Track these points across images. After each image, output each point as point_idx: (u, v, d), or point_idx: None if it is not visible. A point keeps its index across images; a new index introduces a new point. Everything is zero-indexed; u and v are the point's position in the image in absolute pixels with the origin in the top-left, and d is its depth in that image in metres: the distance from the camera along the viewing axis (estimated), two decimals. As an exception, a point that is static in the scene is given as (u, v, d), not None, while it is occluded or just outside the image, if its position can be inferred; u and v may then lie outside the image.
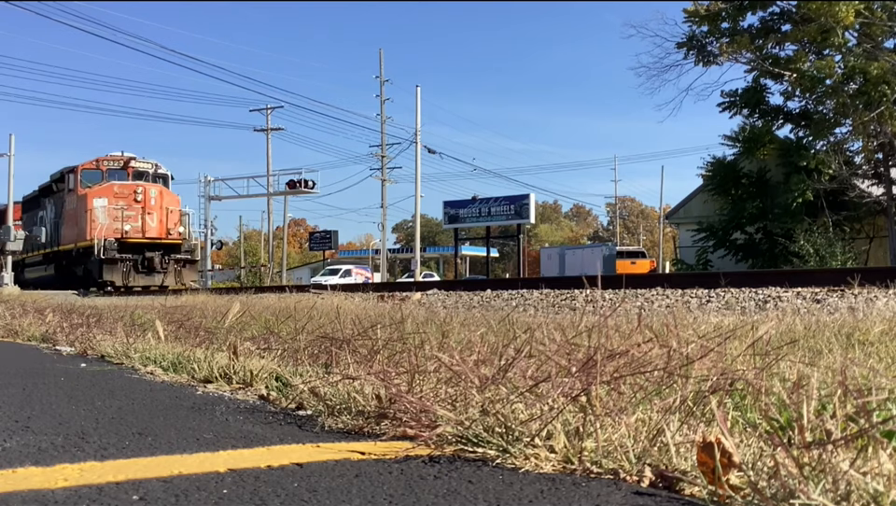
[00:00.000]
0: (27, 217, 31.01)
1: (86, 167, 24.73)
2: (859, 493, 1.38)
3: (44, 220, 28.34)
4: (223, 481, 1.76)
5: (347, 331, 3.81)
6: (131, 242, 23.43)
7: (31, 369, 4.20)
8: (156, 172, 25.63)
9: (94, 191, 24.09)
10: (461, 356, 2.48)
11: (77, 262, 24.72)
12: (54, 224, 26.96)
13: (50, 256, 27.09)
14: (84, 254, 23.99)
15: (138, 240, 23.71)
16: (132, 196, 24.24)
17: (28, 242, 28.90)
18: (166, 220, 24.58)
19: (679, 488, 1.62)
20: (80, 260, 24.36)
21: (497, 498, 1.61)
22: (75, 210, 24.65)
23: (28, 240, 28.90)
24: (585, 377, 2.01)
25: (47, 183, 28.15)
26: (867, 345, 3.30)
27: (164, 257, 23.86)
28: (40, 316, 8.11)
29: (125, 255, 23.07)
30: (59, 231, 26.18)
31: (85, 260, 23.94)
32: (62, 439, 2.25)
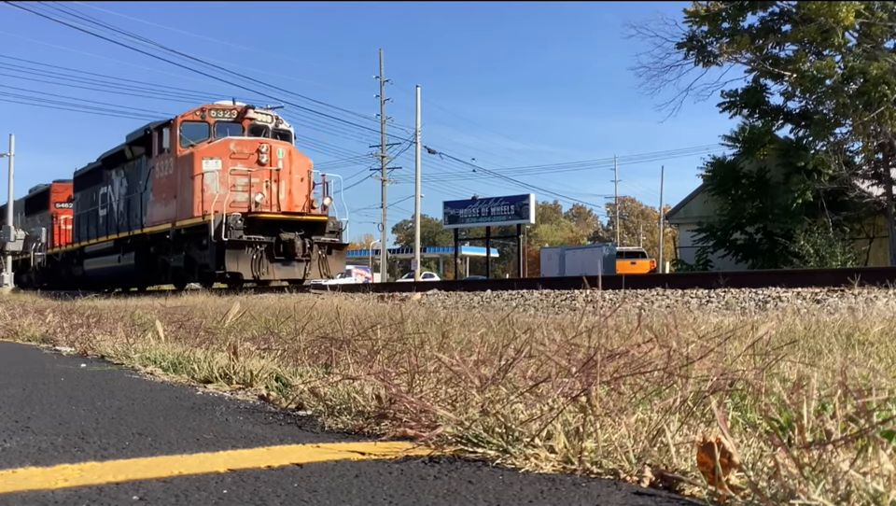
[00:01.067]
0: (81, 196, 24.50)
1: (187, 118, 18.03)
2: (859, 493, 1.38)
3: (108, 198, 22.17)
4: (223, 481, 1.76)
5: (347, 332, 3.81)
6: (263, 218, 16.48)
7: (31, 369, 4.20)
8: (276, 127, 18.73)
9: (203, 150, 17.29)
10: (461, 356, 2.48)
11: (173, 248, 18.15)
12: (126, 201, 20.72)
13: (127, 242, 20.29)
14: (188, 237, 17.37)
15: (272, 216, 16.69)
16: (254, 156, 17.24)
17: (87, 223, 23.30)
18: (300, 190, 17.73)
19: (679, 488, 1.62)
20: (181, 246, 17.82)
21: (497, 498, 1.61)
22: (170, 178, 18.13)
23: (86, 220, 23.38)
24: (585, 377, 2.01)
25: (115, 150, 21.76)
26: (867, 346, 3.30)
27: (307, 239, 16.88)
28: (40, 316, 8.10)
29: (255, 236, 16.18)
30: (141, 208, 19.57)
31: (190, 244, 17.44)
32: (62, 439, 2.25)
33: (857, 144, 27.49)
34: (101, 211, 22.56)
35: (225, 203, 16.13)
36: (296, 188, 17.64)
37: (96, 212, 22.86)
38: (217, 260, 16.09)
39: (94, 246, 22.70)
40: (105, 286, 22.90)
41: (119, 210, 21.44)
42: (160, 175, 18.61)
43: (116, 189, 21.97)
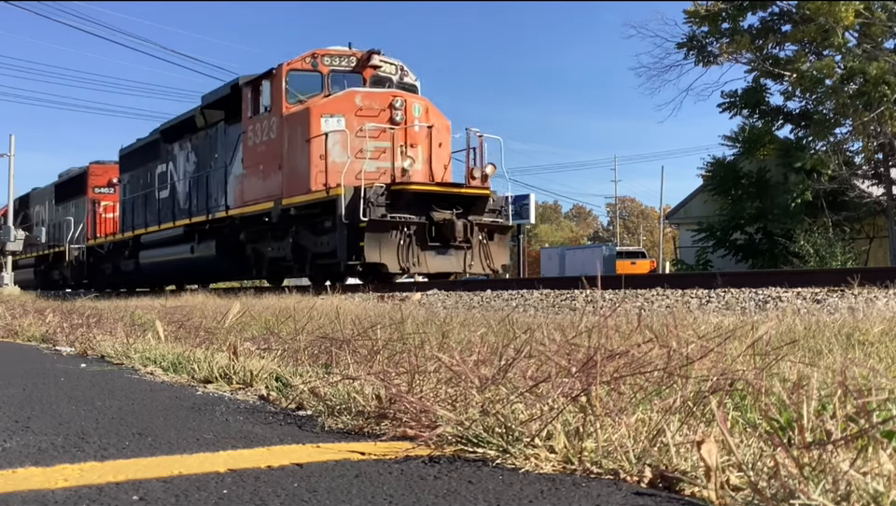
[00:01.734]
0: (131, 177, 20.66)
1: (295, 67, 13.66)
2: (859, 493, 1.38)
3: (169, 177, 18.19)
4: (223, 481, 1.76)
5: (347, 332, 3.81)
6: (413, 191, 12.17)
7: (31, 369, 4.20)
8: (401, 80, 14.28)
9: (321, 105, 13.01)
10: (461, 356, 2.48)
11: (273, 234, 14.14)
12: (195, 180, 16.77)
13: (205, 228, 16.06)
14: (300, 218, 13.17)
15: (425, 188, 12.38)
16: (385, 113, 12.78)
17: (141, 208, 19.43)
18: (439, 158, 13.33)
19: (679, 488, 1.62)
20: (285, 231, 13.67)
21: (497, 498, 1.61)
22: (271, 144, 13.78)
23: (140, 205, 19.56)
24: (585, 377, 2.01)
25: (178, 118, 17.91)
26: (867, 346, 3.30)
27: (467, 220, 12.44)
28: (40, 316, 8.11)
29: (403, 215, 11.91)
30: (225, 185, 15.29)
31: (300, 228, 13.30)
32: (62, 439, 2.25)
33: (857, 144, 27.51)
34: (159, 193, 18.57)
35: (352, 174, 11.95)
36: (435, 155, 13.22)
37: (153, 194, 18.85)
38: (350, 247, 11.82)
39: (154, 235, 18.35)
40: (169, 281, 19.87)
41: (184, 191, 17.45)
42: (254, 141, 14.29)
43: (180, 165, 17.83)
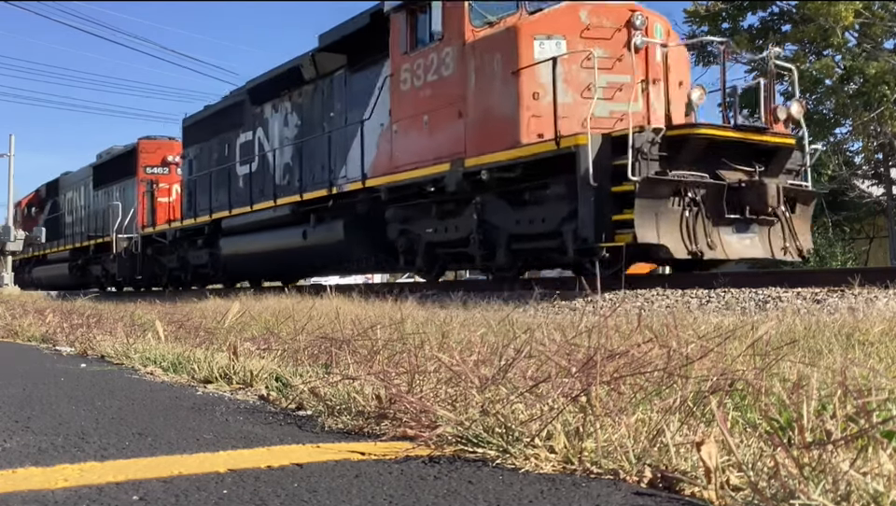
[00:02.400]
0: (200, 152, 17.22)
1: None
2: (859, 493, 1.38)
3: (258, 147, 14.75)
4: (223, 481, 1.76)
5: (347, 332, 3.81)
6: (701, 137, 8.70)
7: (31, 369, 4.20)
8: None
9: (530, 23, 9.48)
10: (461, 356, 2.48)
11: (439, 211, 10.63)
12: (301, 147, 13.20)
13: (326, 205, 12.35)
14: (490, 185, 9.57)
15: (717, 133, 8.87)
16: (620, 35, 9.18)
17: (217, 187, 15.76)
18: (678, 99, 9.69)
19: (679, 488, 1.62)
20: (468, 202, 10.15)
21: (497, 498, 1.61)
22: (441, 85, 10.14)
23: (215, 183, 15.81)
24: (585, 377, 2.01)
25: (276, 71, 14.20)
26: (867, 346, 3.30)
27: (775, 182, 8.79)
28: (40, 316, 8.11)
29: (687, 174, 8.48)
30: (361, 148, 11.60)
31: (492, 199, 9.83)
32: (62, 439, 2.25)
33: (857, 144, 27.50)
34: (241, 168, 15.16)
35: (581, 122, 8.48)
36: (676, 96, 9.55)
37: (232, 170, 15.39)
38: (597, 221, 8.26)
39: (242, 219, 14.56)
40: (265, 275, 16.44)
41: (283, 162, 13.86)
42: (412, 84, 10.53)
43: (274, 131, 14.22)
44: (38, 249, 29.62)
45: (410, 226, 11.23)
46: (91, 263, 23.80)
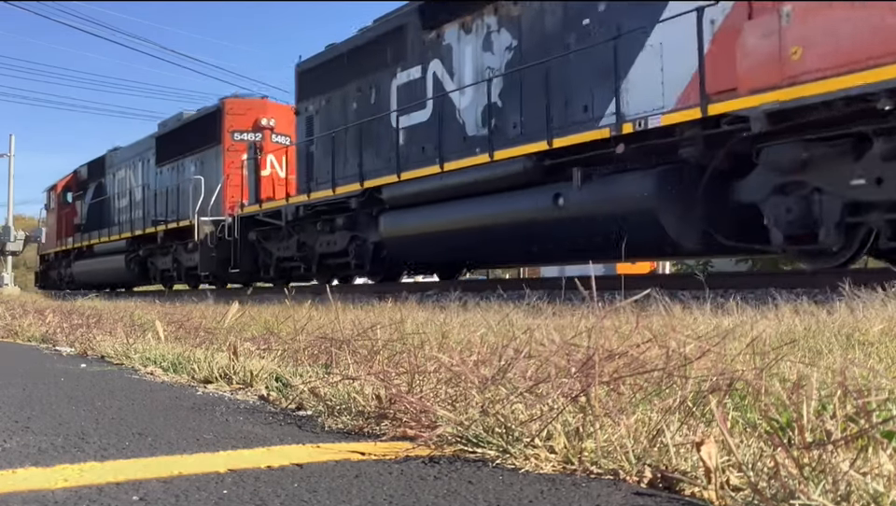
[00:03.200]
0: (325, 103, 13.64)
1: None
2: (859, 493, 1.38)
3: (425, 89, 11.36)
4: (223, 481, 1.76)
5: (347, 332, 3.81)
6: None
7: (31, 369, 4.20)
8: None
9: None
10: (461, 356, 2.48)
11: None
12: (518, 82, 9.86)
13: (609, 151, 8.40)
14: None
15: None
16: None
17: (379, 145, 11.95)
18: None
19: (679, 488, 1.62)
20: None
21: (497, 498, 1.61)
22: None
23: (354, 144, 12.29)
24: (585, 378, 2.01)
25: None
26: (867, 345, 3.29)
27: None
28: (40, 316, 8.11)
29: None
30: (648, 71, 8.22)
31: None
32: (62, 439, 2.25)
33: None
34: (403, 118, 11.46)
35: None
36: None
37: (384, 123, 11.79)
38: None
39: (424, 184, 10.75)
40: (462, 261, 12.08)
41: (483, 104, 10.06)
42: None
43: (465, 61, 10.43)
44: (78, 240, 25.08)
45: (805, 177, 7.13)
46: (157, 255, 19.75)
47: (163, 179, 19.94)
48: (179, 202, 18.38)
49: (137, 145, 22.09)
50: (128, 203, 21.86)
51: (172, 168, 19.71)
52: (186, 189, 18.11)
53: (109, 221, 23.04)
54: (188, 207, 17.62)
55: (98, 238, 23.01)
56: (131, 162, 22.34)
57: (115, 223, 22.57)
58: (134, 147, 22.28)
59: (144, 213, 20.41)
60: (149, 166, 20.96)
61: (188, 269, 18.34)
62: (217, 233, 16.45)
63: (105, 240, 22.40)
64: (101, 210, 23.95)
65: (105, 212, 23.72)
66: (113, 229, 22.37)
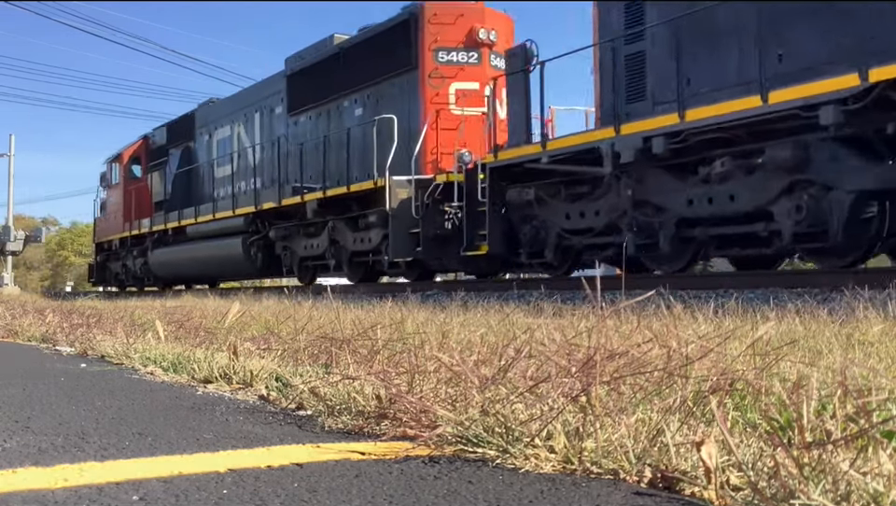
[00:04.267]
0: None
1: None
2: (859, 493, 1.38)
3: None
4: (223, 481, 1.76)
5: (347, 332, 3.81)
6: None
7: (31, 369, 4.20)
8: None
9: None
10: (461, 356, 2.48)
11: None
12: None
13: None
14: None
15: None
16: None
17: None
18: None
19: (679, 488, 1.62)
20: None
21: (497, 498, 1.61)
22: None
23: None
24: (585, 377, 2.01)
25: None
26: (867, 345, 3.30)
27: None
28: (40, 316, 8.11)
29: None
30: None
31: None
32: (62, 439, 2.25)
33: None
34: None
35: None
36: None
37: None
38: None
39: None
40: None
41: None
42: None
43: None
44: (159, 222, 19.38)
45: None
46: (298, 235, 14.79)
47: (302, 132, 14.88)
48: (338, 159, 13.45)
49: (250, 93, 17.11)
50: (239, 168, 16.68)
51: (318, 115, 14.54)
52: (358, 138, 12.95)
53: (205, 195, 17.82)
54: (355, 166, 12.92)
55: (194, 217, 17.43)
56: (240, 116, 17.05)
57: (215, 197, 17.36)
58: (244, 97, 17.30)
59: (272, 179, 15.38)
60: (275, 117, 15.80)
61: (354, 254, 13.51)
62: (424, 200, 11.54)
63: (207, 219, 16.91)
64: (192, 182, 18.83)
65: (198, 184, 18.54)
66: (220, 203, 16.98)
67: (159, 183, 20.59)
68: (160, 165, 20.75)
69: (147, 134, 21.97)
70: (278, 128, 15.77)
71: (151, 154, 21.49)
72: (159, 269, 19.83)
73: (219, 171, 17.73)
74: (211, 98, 19.09)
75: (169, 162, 20.15)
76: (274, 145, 15.49)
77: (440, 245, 11.78)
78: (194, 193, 18.61)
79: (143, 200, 21.07)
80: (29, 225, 53.95)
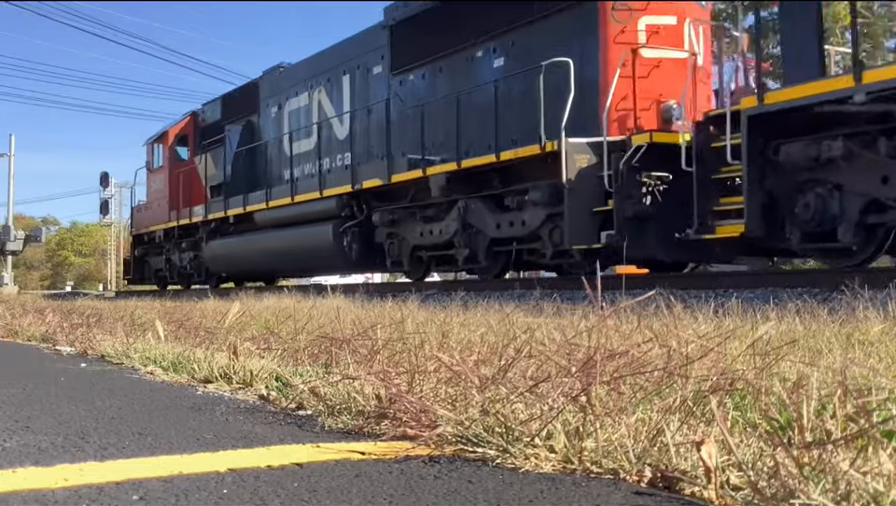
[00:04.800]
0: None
1: None
2: (859, 493, 1.38)
3: None
4: (223, 481, 1.76)
5: (347, 331, 3.81)
6: None
7: (31, 369, 4.20)
8: None
9: None
10: (461, 356, 2.48)
11: None
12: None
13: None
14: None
15: None
16: None
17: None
18: None
19: (679, 488, 1.62)
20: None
21: (497, 498, 1.61)
22: None
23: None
24: (585, 377, 2.01)
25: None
26: (867, 345, 3.29)
27: None
28: (40, 315, 8.11)
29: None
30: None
31: None
32: (62, 439, 2.25)
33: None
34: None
35: None
36: None
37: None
38: None
39: None
40: None
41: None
42: None
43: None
44: (217, 209, 16.57)
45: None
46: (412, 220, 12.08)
47: (412, 93, 12.15)
48: (480, 122, 10.66)
49: (334, 53, 14.20)
50: (323, 142, 13.85)
51: (436, 71, 11.74)
52: (506, 94, 10.29)
53: (275, 177, 15.18)
54: (504, 129, 10.21)
55: (264, 202, 14.65)
56: (321, 82, 14.27)
57: (290, 178, 14.42)
58: (326, 59, 14.36)
59: (370, 153, 12.79)
60: (372, 78, 12.99)
61: (495, 242, 10.82)
62: (620, 168, 8.97)
63: (282, 203, 14.25)
64: (256, 161, 15.99)
65: (265, 163, 15.73)
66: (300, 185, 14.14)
67: (214, 165, 17.51)
68: (214, 145, 17.64)
69: (195, 111, 19.26)
70: (378, 91, 12.75)
71: (202, 133, 18.51)
72: (215, 263, 17.10)
73: (295, 146, 14.59)
74: (278, 64, 15.86)
75: (226, 141, 16.96)
76: (374, 111, 12.62)
77: (638, 228, 9.02)
78: (260, 175, 15.76)
79: (193, 185, 18.18)
80: (29, 225, 53.98)
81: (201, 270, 18.11)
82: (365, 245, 12.94)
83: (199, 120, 18.94)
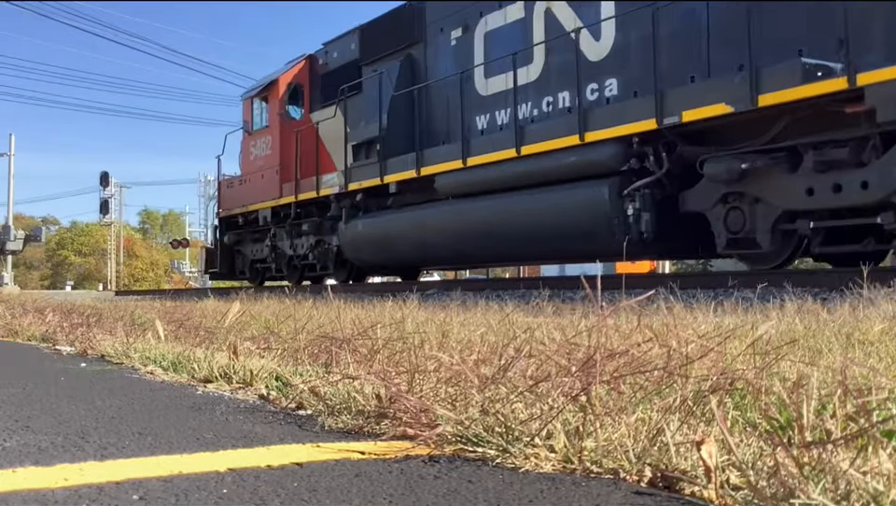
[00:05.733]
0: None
1: None
2: (859, 492, 1.38)
3: None
4: (223, 480, 1.76)
5: (347, 331, 3.81)
6: None
7: (31, 368, 4.20)
8: None
9: None
10: (461, 355, 2.48)
11: None
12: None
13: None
14: None
15: None
16: None
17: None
18: None
19: (679, 488, 1.62)
20: None
21: (496, 497, 1.61)
22: None
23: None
24: (585, 377, 2.01)
25: None
26: (867, 345, 3.29)
27: None
28: (40, 315, 8.11)
29: None
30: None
31: None
32: (62, 438, 2.25)
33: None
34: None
35: None
36: None
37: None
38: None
39: None
40: None
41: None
42: None
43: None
44: (367, 175, 12.41)
45: None
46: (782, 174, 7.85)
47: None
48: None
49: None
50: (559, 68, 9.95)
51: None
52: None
53: (462, 126, 10.90)
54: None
55: (459, 159, 10.59)
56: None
57: (482, 129, 10.84)
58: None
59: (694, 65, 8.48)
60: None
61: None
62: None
63: (495, 158, 10.17)
64: (427, 107, 11.88)
65: (444, 109, 11.62)
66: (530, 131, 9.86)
67: (354, 116, 13.08)
68: (349, 93, 13.27)
69: (311, 54, 15.07)
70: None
71: (324, 81, 14.40)
72: (356, 250, 12.86)
73: (497, 81, 10.53)
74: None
75: (374, 85, 12.64)
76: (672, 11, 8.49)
77: None
78: (439, 126, 11.54)
79: (312, 149, 14.02)
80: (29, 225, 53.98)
81: (327, 259, 13.94)
82: (666, 215, 8.79)
83: (317, 66, 14.80)
